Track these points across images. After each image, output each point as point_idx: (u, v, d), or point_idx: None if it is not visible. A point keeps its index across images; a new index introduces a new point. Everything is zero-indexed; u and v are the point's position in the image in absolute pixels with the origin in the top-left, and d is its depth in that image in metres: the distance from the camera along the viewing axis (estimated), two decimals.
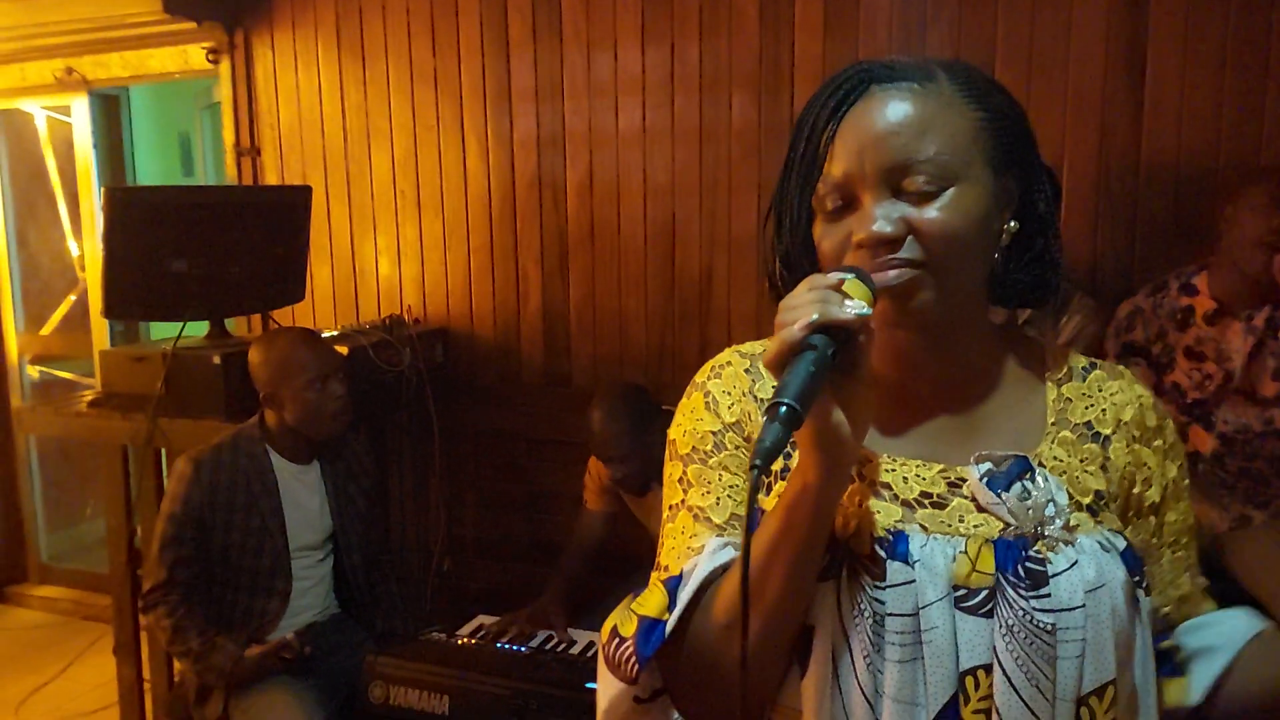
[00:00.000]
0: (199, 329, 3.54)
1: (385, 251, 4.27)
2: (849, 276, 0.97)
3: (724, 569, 1.06)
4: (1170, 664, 1.14)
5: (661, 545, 1.17)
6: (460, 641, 2.92)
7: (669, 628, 1.04)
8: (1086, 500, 1.08)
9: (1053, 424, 1.12)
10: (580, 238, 3.92)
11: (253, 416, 3.04)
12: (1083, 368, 1.17)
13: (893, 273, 0.99)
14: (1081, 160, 3.20)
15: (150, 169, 5.48)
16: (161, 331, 3.60)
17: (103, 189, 3.75)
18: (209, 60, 4.40)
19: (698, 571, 1.06)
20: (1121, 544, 1.06)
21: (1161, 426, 1.15)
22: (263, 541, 2.93)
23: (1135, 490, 1.12)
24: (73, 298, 5.25)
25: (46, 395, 5.25)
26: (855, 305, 0.92)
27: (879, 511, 1.05)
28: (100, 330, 4.94)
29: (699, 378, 1.20)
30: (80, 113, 4.83)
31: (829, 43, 3.45)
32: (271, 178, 4.42)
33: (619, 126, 3.80)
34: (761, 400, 1.15)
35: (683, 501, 1.15)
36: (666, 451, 1.21)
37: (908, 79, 1.03)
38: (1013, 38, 3.24)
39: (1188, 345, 2.77)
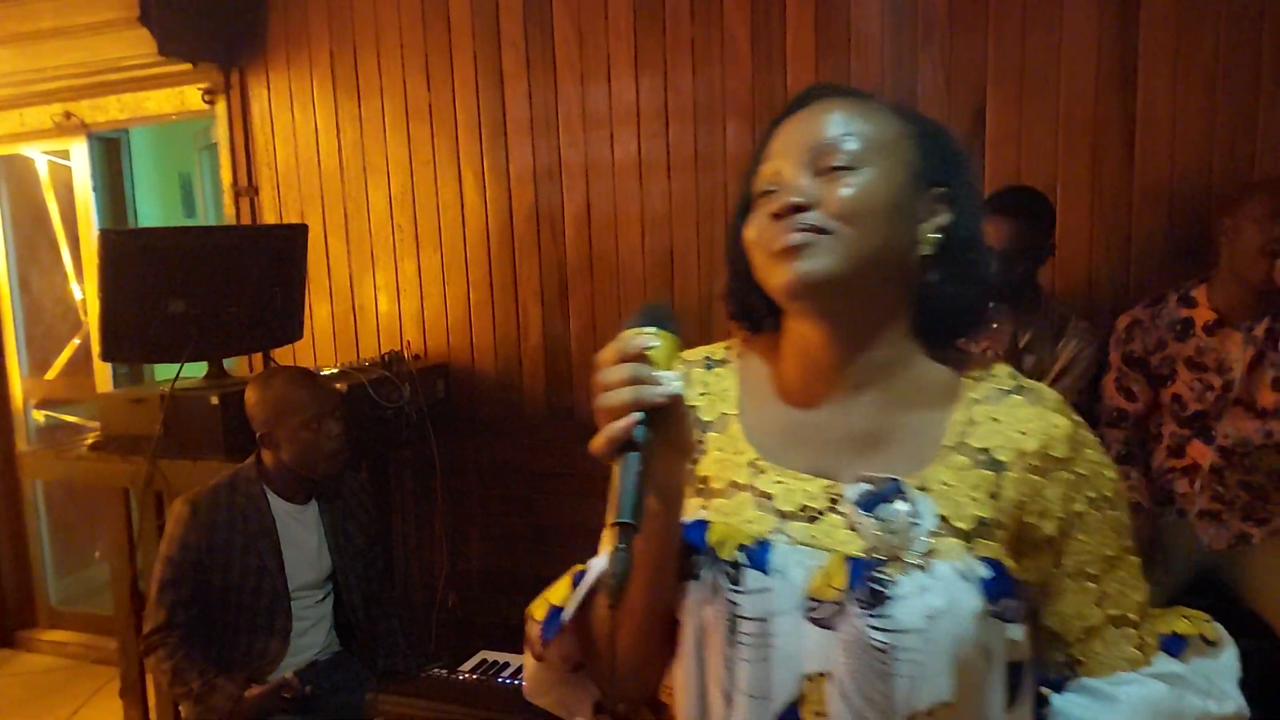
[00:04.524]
0: (198, 370, 3.55)
1: (384, 288, 4.27)
2: (653, 344, 1.01)
3: None
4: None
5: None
6: (461, 678, 2.90)
7: (564, 616, 1.16)
8: (966, 526, 1.07)
9: (948, 447, 1.11)
10: (579, 269, 3.92)
11: (250, 456, 3.03)
12: (1005, 391, 1.15)
13: (796, 235, 1.06)
14: (1074, 181, 3.19)
15: (151, 211, 5.49)
16: (165, 373, 3.61)
17: (98, 231, 3.76)
18: (205, 101, 4.43)
19: (592, 569, 1.18)
20: (986, 573, 1.04)
21: (1071, 459, 1.11)
22: (261, 582, 2.93)
23: (1028, 521, 1.09)
24: (77, 341, 5.26)
25: (52, 439, 5.23)
26: (668, 379, 1.00)
27: (752, 520, 1.11)
28: (104, 373, 4.95)
29: None
30: (80, 156, 4.86)
31: (821, 70, 3.45)
32: (270, 216, 4.43)
33: (615, 157, 3.81)
34: (693, 406, 1.21)
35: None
36: None
37: (847, 94, 1.15)
38: (1003, 60, 3.24)
39: (1189, 356, 2.77)
